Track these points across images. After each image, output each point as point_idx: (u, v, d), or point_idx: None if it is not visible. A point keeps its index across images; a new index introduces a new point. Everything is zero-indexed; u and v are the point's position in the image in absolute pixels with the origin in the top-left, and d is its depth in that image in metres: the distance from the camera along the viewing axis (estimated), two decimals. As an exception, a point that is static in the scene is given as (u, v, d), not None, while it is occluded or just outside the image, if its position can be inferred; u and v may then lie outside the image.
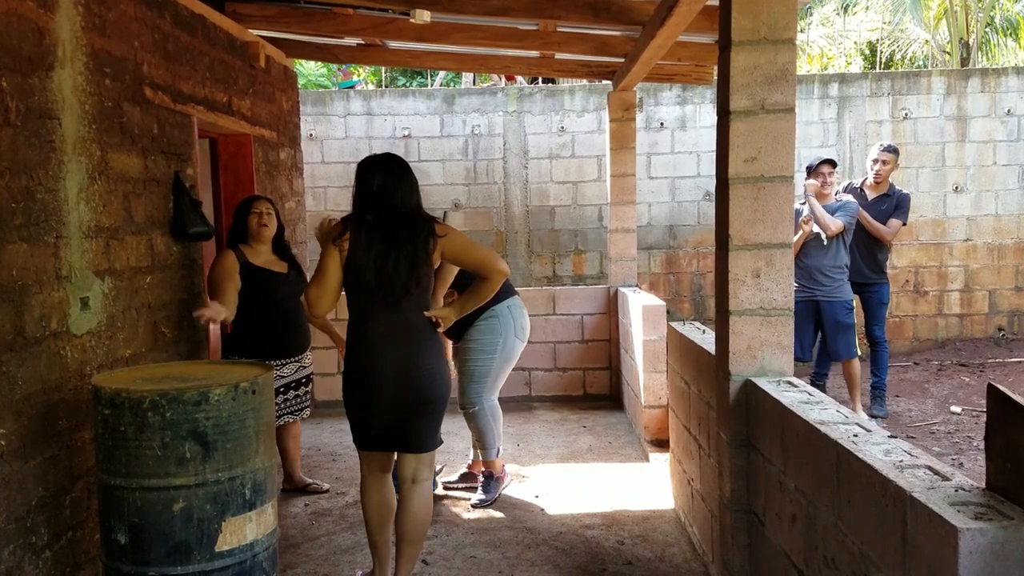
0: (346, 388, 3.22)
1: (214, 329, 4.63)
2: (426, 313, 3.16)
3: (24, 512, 2.87)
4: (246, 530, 2.82)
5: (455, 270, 3.83)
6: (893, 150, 6.05)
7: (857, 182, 6.19)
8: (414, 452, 3.20)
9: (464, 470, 4.62)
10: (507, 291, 4.34)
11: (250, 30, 5.37)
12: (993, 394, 1.70)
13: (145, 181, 3.86)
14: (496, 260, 3.20)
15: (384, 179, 3.09)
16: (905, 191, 6.23)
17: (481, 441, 4.37)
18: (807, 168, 5.76)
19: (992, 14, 14.64)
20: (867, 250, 6.01)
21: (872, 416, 5.93)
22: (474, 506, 4.28)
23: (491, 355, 4.26)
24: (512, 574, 3.52)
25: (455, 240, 3.14)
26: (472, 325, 4.24)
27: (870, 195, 6.01)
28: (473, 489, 4.48)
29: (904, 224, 6.08)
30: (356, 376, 3.17)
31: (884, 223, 5.92)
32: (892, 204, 5.99)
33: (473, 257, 3.19)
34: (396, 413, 3.13)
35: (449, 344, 4.47)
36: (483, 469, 4.44)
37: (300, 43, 6.14)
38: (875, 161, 6.01)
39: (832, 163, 5.75)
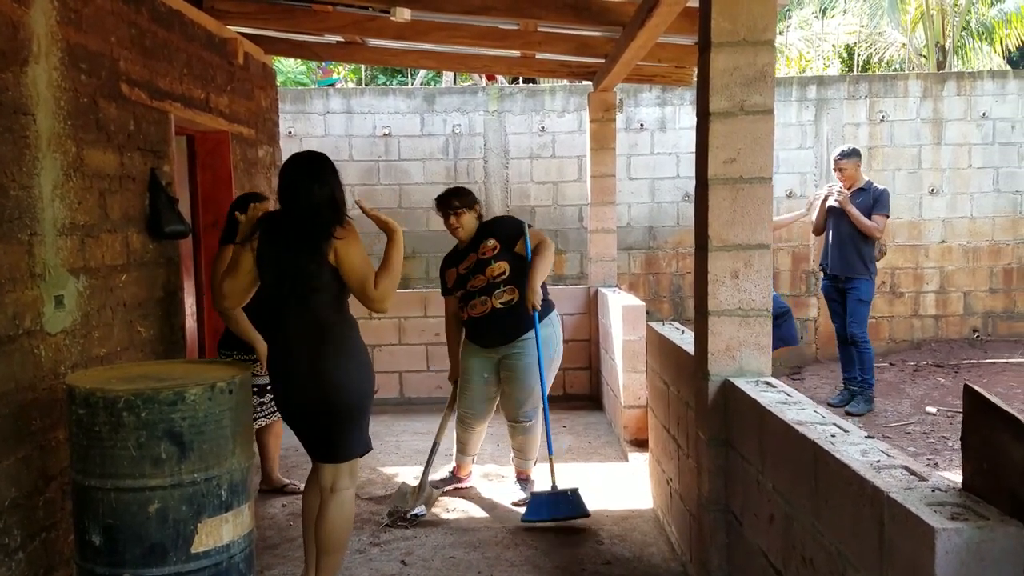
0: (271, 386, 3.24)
1: (190, 328, 4.58)
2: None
3: (-4, 513, 2.83)
4: (222, 531, 2.79)
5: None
6: (847, 154, 6.21)
7: (837, 185, 6.29)
8: (325, 462, 3.10)
9: (447, 474, 4.60)
10: (549, 304, 4.36)
11: (228, 27, 5.32)
12: (969, 395, 1.71)
13: (121, 178, 3.81)
14: (368, 288, 2.95)
15: (289, 177, 3.04)
16: (882, 187, 6.29)
17: (527, 452, 4.43)
18: None
19: (968, 18, 14.79)
20: (851, 242, 6.09)
21: (848, 415, 5.99)
22: (516, 504, 4.30)
23: (548, 370, 4.31)
24: (491, 574, 3.51)
25: (348, 250, 2.95)
26: (521, 339, 4.24)
27: None
28: (459, 491, 4.52)
29: (887, 218, 6.18)
30: (272, 375, 3.14)
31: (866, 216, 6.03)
32: (869, 198, 6.07)
33: (354, 276, 2.97)
34: (306, 417, 3.06)
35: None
36: (522, 474, 4.49)
37: (279, 40, 6.09)
38: (834, 169, 6.24)
39: None
